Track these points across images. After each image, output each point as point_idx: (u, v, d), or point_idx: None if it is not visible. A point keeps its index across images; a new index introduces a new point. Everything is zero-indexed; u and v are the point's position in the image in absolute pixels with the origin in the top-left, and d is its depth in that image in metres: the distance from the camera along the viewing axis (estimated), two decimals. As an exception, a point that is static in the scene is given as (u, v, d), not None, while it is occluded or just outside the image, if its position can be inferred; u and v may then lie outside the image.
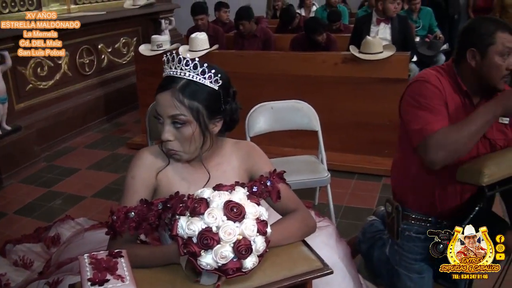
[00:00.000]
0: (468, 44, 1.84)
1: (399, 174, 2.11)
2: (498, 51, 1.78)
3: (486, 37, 1.79)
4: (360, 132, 4.03)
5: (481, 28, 1.81)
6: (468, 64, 1.85)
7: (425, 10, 5.77)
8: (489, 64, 1.80)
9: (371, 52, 3.89)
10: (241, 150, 1.63)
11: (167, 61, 1.45)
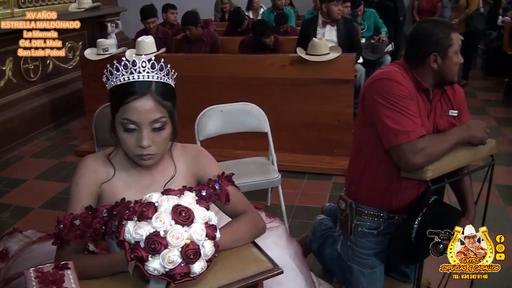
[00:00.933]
0: (428, 49, 1.93)
1: (355, 171, 2.14)
2: (455, 51, 1.93)
3: (445, 40, 1.91)
4: (309, 132, 4.09)
5: (437, 33, 1.91)
6: (430, 67, 1.94)
7: (368, 12, 5.92)
8: (449, 64, 1.93)
9: (317, 53, 3.96)
10: (188, 154, 1.62)
11: (126, 67, 1.41)
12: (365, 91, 2.01)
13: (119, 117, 1.42)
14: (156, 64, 1.42)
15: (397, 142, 1.84)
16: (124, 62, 1.41)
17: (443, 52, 1.91)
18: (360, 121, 2.08)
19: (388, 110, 1.86)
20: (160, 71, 1.43)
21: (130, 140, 1.42)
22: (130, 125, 1.41)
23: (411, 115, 1.85)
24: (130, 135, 1.42)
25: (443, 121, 2.00)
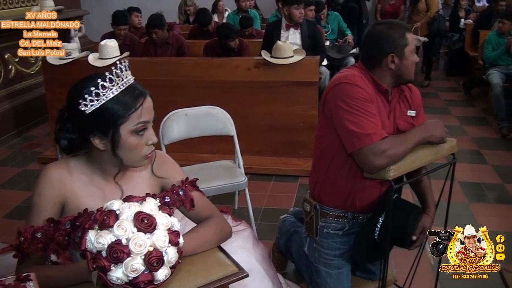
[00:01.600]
0: (385, 51, 1.96)
1: (319, 173, 2.16)
2: (411, 50, 1.97)
3: (401, 40, 1.94)
4: (275, 134, 4.12)
5: (392, 34, 1.95)
6: (387, 67, 1.97)
7: (332, 15, 5.99)
8: (407, 63, 1.97)
9: (282, 56, 3.99)
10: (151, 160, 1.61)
11: (118, 75, 1.38)
12: (325, 95, 2.02)
13: (129, 126, 1.39)
14: (127, 65, 1.41)
15: (359, 145, 1.86)
16: (108, 76, 1.36)
17: (400, 52, 1.95)
18: (322, 124, 2.10)
19: (349, 113, 1.88)
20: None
21: (141, 144, 1.42)
22: (143, 128, 1.41)
23: (372, 117, 1.88)
24: (140, 138, 1.41)
25: (402, 121, 2.04)
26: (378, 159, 1.83)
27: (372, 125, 1.86)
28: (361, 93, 1.90)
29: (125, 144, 1.40)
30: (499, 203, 3.74)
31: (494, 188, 3.97)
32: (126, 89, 1.39)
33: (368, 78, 1.99)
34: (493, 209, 3.66)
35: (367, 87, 1.93)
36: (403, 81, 2.03)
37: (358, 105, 1.88)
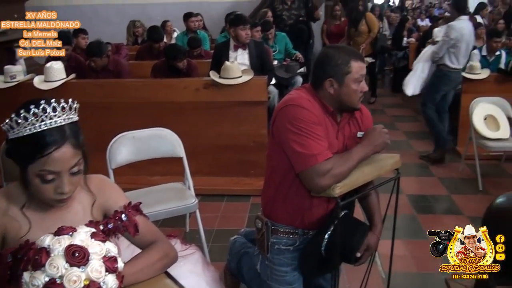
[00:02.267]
0: (325, 74, 1.98)
1: (270, 190, 2.17)
2: (354, 78, 1.97)
3: (343, 67, 1.96)
4: (226, 154, 4.10)
5: (337, 59, 1.97)
6: (327, 91, 2.00)
7: (280, 36, 6.08)
8: (347, 91, 1.98)
9: (230, 77, 4.00)
10: (91, 186, 1.55)
11: (36, 115, 1.31)
12: (275, 117, 2.05)
13: (35, 169, 1.32)
14: (65, 105, 1.35)
15: (305, 166, 1.89)
16: (32, 110, 1.30)
17: (339, 78, 1.96)
18: (271, 144, 2.12)
19: (295, 135, 1.91)
20: (69, 110, 1.37)
21: (48, 189, 1.35)
22: (49, 175, 1.33)
23: (318, 139, 1.91)
24: (48, 185, 1.34)
25: (351, 142, 2.07)
26: (323, 179, 1.86)
27: (317, 146, 1.89)
28: (308, 115, 1.92)
29: (31, 184, 1.36)
30: (446, 214, 3.87)
31: (440, 200, 4.10)
32: (46, 132, 1.32)
33: (315, 99, 2.01)
34: (440, 220, 3.77)
35: (314, 109, 1.96)
36: (346, 108, 2.04)
37: (304, 127, 1.90)
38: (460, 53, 4.79)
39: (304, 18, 7.02)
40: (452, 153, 5.17)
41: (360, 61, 1.99)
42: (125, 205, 1.54)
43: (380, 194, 2.24)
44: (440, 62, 4.89)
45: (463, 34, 4.74)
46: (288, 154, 1.96)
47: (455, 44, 4.75)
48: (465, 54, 4.87)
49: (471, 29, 4.89)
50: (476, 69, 5.05)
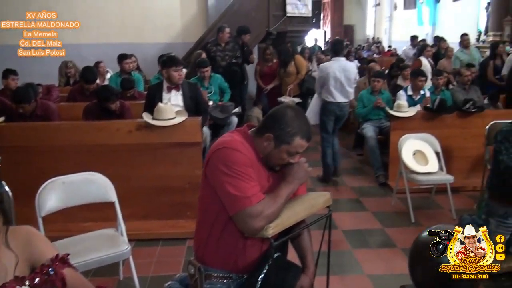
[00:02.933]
0: (270, 129, 2.01)
1: (202, 234, 2.14)
2: (289, 151, 2.01)
3: (287, 136, 1.99)
4: (161, 197, 4.03)
5: (288, 125, 1.99)
6: (263, 142, 2.02)
7: (215, 77, 6.15)
8: (276, 155, 2.02)
9: (163, 118, 3.98)
10: (18, 238, 1.48)
11: None
12: (208, 159, 2.04)
13: None
14: None
15: (239, 208, 1.89)
16: None
17: (278, 140, 2.00)
18: (204, 186, 2.10)
19: (229, 177, 1.92)
20: None
21: None
22: None
23: (251, 181, 1.93)
24: None
25: (279, 181, 2.07)
26: (257, 221, 1.87)
27: (251, 188, 1.91)
28: (241, 158, 1.94)
29: None
30: (381, 248, 3.95)
31: (375, 233, 4.19)
32: None
33: (249, 143, 2.04)
34: (375, 253, 3.84)
35: (247, 152, 1.98)
36: (270, 164, 2.07)
37: (238, 169, 1.92)
38: (331, 88, 5.36)
39: (238, 61, 7.14)
40: (384, 187, 5.34)
41: (305, 141, 2.02)
42: (53, 257, 1.47)
43: (314, 231, 2.26)
44: (321, 96, 5.53)
45: (328, 73, 5.36)
46: (221, 196, 1.96)
47: (324, 82, 5.39)
48: (339, 88, 5.38)
49: (340, 67, 5.37)
50: (404, 108, 5.31)
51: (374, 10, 22.75)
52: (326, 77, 5.38)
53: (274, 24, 8.46)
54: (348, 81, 5.43)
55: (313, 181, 5.56)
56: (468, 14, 13.86)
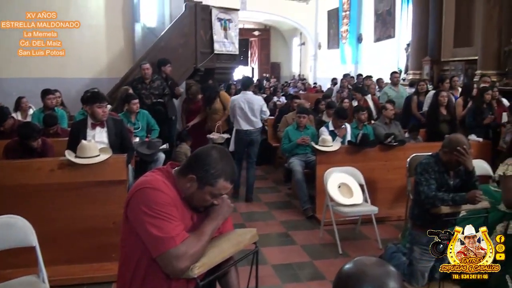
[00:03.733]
0: (193, 170, 1.99)
1: (125, 277, 2.07)
2: (212, 193, 2.01)
3: (210, 178, 1.98)
4: (85, 239, 3.86)
5: (212, 167, 1.98)
6: (186, 183, 2.00)
7: (142, 113, 6.09)
8: (199, 196, 2.01)
9: (87, 156, 3.87)
10: None
11: None
12: (128, 200, 1.99)
13: None
14: None
15: (163, 249, 1.86)
16: None
17: (201, 182, 1.99)
18: (125, 228, 2.04)
19: (152, 218, 1.88)
20: None
21: None
22: None
23: (174, 221, 1.90)
24: None
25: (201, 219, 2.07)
26: (181, 262, 1.85)
27: (174, 228, 1.88)
28: (164, 198, 1.92)
29: None
30: (311, 281, 3.99)
31: (304, 267, 4.23)
32: None
33: (171, 182, 2.01)
34: (305, 287, 3.87)
35: (170, 192, 1.96)
36: (193, 205, 2.06)
37: (160, 210, 1.89)
38: (237, 117, 6.28)
39: (164, 99, 7.10)
40: (312, 220, 5.44)
41: (229, 183, 2.03)
42: None
43: (243, 268, 2.26)
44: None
45: (235, 104, 6.31)
46: (144, 238, 1.91)
47: (233, 112, 6.31)
48: (244, 118, 6.26)
49: (245, 100, 6.26)
50: (328, 142, 5.50)
51: (300, 48, 23.54)
52: (233, 108, 6.29)
53: (201, 61, 8.54)
54: (252, 111, 6.23)
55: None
56: (389, 54, 14.67)
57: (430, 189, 3.33)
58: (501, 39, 8.90)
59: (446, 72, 10.42)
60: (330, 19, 19.86)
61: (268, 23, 23.74)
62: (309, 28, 21.26)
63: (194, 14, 8.46)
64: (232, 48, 9.18)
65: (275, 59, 25.11)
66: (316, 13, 20.89)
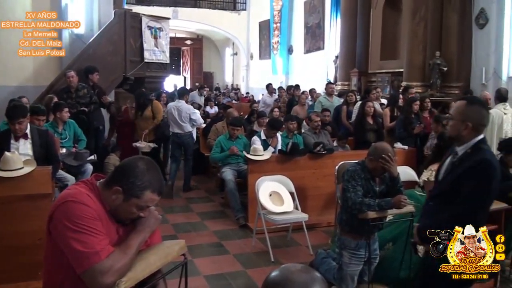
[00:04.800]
0: (119, 182, 1.94)
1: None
2: (139, 205, 1.96)
3: (136, 190, 1.93)
4: (8, 257, 3.66)
5: (138, 179, 1.94)
6: (111, 195, 1.95)
7: (69, 122, 5.89)
8: (125, 208, 1.96)
9: (10, 168, 3.70)
10: None
11: None
12: (51, 215, 1.91)
13: None
14: None
15: (87, 265, 1.80)
16: None
17: (127, 194, 1.94)
18: (49, 244, 1.96)
19: (75, 233, 1.82)
20: None
21: None
22: None
23: (98, 235, 1.84)
24: None
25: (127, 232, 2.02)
26: (107, 277, 1.80)
27: (99, 243, 1.83)
28: (87, 211, 1.86)
29: None
30: (244, 290, 4.00)
31: (237, 276, 4.25)
32: None
33: (96, 195, 1.96)
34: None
35: (94, 205, 1.90)
36: (119, 218, 2.01)
37: (84, 224, 1.83)
38: (170, 122, 7.16)
39: (90, 107, 6.90)
40: (244, 229, 5.47)
41: (157, 195, 1.99)
42: None
43: (174, 280, 2.23)
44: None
45: (167, 110, 7.33)
46: (68, 254, 1.84)
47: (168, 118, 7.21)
48: (175, 122, 7.09)
49: (176, 107, 7.10)
50: (259, 151, 5.56)
51: (232, 58, 23.72)
52: (168, 113, 7.23)
53: (131, 69, 8.42)
54: (181, 117, 7.07)
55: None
56: (318, 65, 15.09)
57: (357, 196, 3.43)
58: (426, 52, 9.43)
59: (373, 83, 10.86)
60: (261, 30, 20.18)
61: (201, 32, 23.75)
62: (241, 38, 21.49)
63: (124, 22, 8.34)
64: (162, 57, 9.12)
65: (208, 68, 25.13)
66: (248, 24, 21.17)
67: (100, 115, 7.32)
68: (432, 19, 9.41)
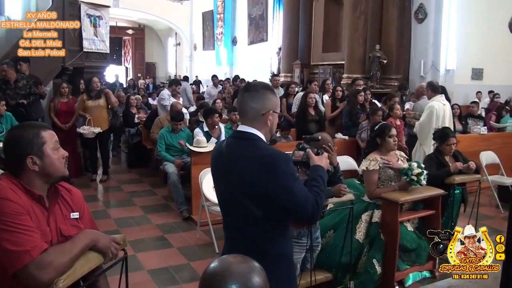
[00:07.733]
0: (22, 155, 1.86)
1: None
2: (52, 146, 1.92)
3: (36, 140, 1.88)
4: None
5: (26, 135, 1.88)
6: (31, 171, 1.87)
7: (6, 115, 5.66)
8: (50, 161, 1.90)
9: None
10: None
11: None
12: None
13: None
14: None
15: (20, 264, 1.72)
16: None
17: (38, 152, 1.89)
18: None
19: (3, 232, 1.74)
20: None
21: None
22: None
23: (28, 231, 1.77)
24: None
25: (65, 225, 1.96)
26: (45, 273, 1.73)
27: (30, 239, 1.75)
28: (13, 207, 1.77)
29: None
30: (188, 282, 3.97)
31: (181, 269, 4.21)
32: None
33: (19, 186, 1.87)
34: (185, 289, 3.85)
35: (18, 199, 1.81)
36: (55, 179, 1.96)
37: (11, 221, 1.74)
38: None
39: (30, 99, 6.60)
40: (188, 221, 5.43)
41: (48, 129, 1.96)
42: None
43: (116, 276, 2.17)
44: None
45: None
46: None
47: None
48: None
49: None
50: (203, 143, 5.52)
51: (175, 49, 23.41)
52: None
53: (70, 59, 8.10)
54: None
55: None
56: (262, 57, 15.16)
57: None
58: (366, 46, 9.67)
59: (315, 75, 11.03)
60: (205, 21, 20.03)
61: (143, 22, 23.28)
62: (184, 28, 21.25)
63: (62, 9, 7.98)
64: (102, 46, 8.86)
65: (150, 59, 24.70)
66: (190, 14, 20.95)
67: (39, 106, 7.02)
68: (372, 13, 9.65)
